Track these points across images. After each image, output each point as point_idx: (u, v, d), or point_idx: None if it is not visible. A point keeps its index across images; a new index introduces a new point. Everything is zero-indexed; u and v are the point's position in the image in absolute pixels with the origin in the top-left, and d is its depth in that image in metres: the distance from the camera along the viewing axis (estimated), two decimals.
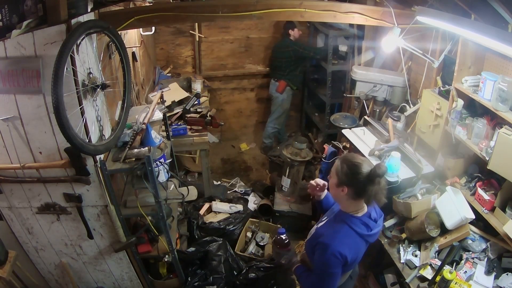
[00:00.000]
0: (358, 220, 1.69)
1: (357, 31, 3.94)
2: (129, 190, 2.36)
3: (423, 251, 2.35)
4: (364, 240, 1.72)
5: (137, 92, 3.35)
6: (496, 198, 2.15)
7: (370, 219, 1.71)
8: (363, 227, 1.68)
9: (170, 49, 4.71)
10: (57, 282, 2.62)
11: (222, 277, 2.72)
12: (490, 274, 2.12)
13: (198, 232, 3.25)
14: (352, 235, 1.67)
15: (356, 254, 1.71)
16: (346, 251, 1.62)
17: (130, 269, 2.58)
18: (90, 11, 2.03)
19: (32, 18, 1.78)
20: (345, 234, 1.67)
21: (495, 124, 2.18)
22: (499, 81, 2.02)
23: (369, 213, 1.72)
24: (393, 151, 2.62)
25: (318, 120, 4.83)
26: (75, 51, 1.77)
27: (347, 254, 1.62)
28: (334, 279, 1.67)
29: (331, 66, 4.21)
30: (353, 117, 3.61)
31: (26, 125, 1.94)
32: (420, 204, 2.44)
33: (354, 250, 1.68)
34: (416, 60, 3.10)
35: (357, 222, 1.68)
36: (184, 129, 3.57)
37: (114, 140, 2.15)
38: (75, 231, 2.33)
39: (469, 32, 1.96)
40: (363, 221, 1.69)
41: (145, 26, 3.33)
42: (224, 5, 2.37)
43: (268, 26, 4.83)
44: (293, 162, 3.58)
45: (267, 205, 3.74)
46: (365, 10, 2.58)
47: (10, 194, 2.16)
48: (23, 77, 1.80)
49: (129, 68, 2.31)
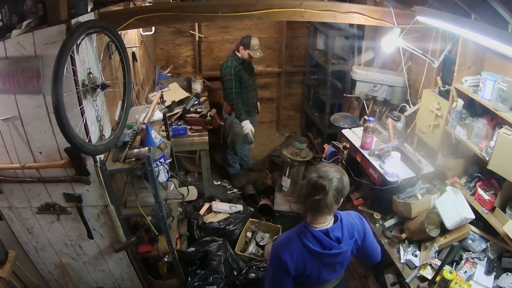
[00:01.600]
0: (309, 232, 1.62)
1: (357, 31, 3.94)
2: (129, 190, 2.36)
3: (423, 251, 2.35)
4: (317, 258, 1.63)
5: (137, 92, 3.35)
6: (496, 198, 2.15)
7: (328, 237, 1.62)
8: (314, 242, 1.61)
9: (170, 49, 4.71)
10: (57, 282, 2.62)
11: (222, 277, 2.72)
12: (490, 274, 2.12)
13: (198, 232, 3.25)
14: (297, 244, 1.62)
15: (301, 265, 1.62)
16: (288, 258, 1.60)
17: (130, 269, 2.58)
18: (90, 11, 2.03)
19: (32, 18, 1.78)
20: (290, 241, 1.65)
21: (495, 124, 2.18)
22: (499, 81, 2.02)
23: (327, 230, 1.63)
24: (394, 151, 2.62)
25: (318, 120, 4.82)
26: (75, 51, 1.77)
27: (287, 260, 1.60)
28: (276, 281, 1.67)
29: (331, 66, 4.21)
30: (353, 117, 3.61)
31: (26, 125, 1.94)
32: (420, 204, 2.44)
33: (297, 260, 1.61)
34: (416, 60, 3.10)
35: (307, 234, 1.62)
36: (184, 129, 3.57)
37: (114, 140, 2.15)
38: (75, 231, 2.33)
39: (469, 32, 1.96)
40: (315, 235, 1.61)
41: (145, 26, 3.33)
42: (224, 5, 2.37)
43: (268, 26, 4.83)
44: (293, 162, 3.57)
45: (267, 205, 3.74)
46: (365, 10, 2.58)
47: (10, 194, 2.16)
48: (23, 77, 1.81)
49: (129, 68, 2.31)
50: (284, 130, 5.49)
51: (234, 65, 3.76)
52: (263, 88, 5.11)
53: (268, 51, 4.94)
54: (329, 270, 1.72)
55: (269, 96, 5.25)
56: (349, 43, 4.14)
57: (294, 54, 5.07)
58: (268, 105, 5.19)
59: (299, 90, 5.29)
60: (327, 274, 1.73)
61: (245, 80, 3.85)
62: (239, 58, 3.80)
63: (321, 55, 4.62)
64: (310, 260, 1.63)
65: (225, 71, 3.79)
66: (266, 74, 5.06)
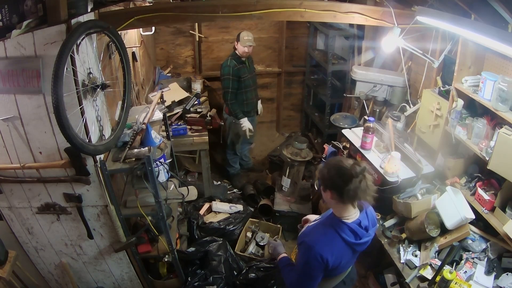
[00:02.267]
0: (347, 226, 1.66)
1: (357, 31, 3.94)
2: (129, 190, 2.36)
3: (423, 251, 2.35)
4: (351, 248, 1.70)
5: (137, 92, 3.35)
6: (496, 198, 2.15)
7: (360, 227, 1.69)
8: (350, 235, 1.66)
9: (170, 49, 4.71)
10: (57, 282, 2.62)
11: (222, 277, 2.72)
12: (490, 274, 2.12)
13: (198, 232, 3.25)
14: (337, 241, 1.66)
15: (339, 260, 1.68)
16: (329, 255, 1.62)
17: (130, 269, 2.58)
18: (90, 11, 2.03)
19: (32, 18, 1.78)
20: (330, 239, 1.66)
21: (495, 124, 2.18)
22: (499, 81, 2.02)
23: (359, 220, 1.70)
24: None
25: (318, 120, 4.82)
26: (75, 51, 1.77)
27: (329, 258, 1.62)
28: (312, 280, 1.69)
29: (331, 66, 4.21)
30: (353, 117, 3.61)
31: (26, 125, 1.94)
32: (420, 204, 2.44)
33: (337, 255, 1.66)
34: (416, 60, 3.10)
35: (345, 229, 1.66)
36: (184, 129, 3.57)
37: (114, 140, 2.15)
38: (75, 231, 2.33)
39: (469, 32, 1.96)
40: (351, 228, 1.66)
41: (145, 26, 3.33)
42: (224, 5, 2.37)
43: (268, 26, 4.83)
44: (293, 162, 3.57)
45: (267, 205, 3.74)
46: (365, 10, 2.58)
47: (10, 194, 2.16)
48: (23, 77, 1.80)
49: (129, 68, 2.31)
50: (284, 130, 5.49)
51: (233, 64, 3.75)
52: (263, 88, 5.10)
53: (268, 51, 4.94)
54: (354, 257, 1.81)
55: (269, 96, 5.24)
56: (349, 43, 4.14)
57: (294, 54, 5.07)
58: (268, 105, 5.18)
59: (299, 90, 5.29)
60: (351, 261, 1.83)
61: (245, 80, 3.84)
62: (239, 57, 3.79)
63: (321, 55, 4.62)
64: (347, 252, 1.70)
65: (223, 70, 3.78)
66: (266, 74, 5.05)
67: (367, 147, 2.82)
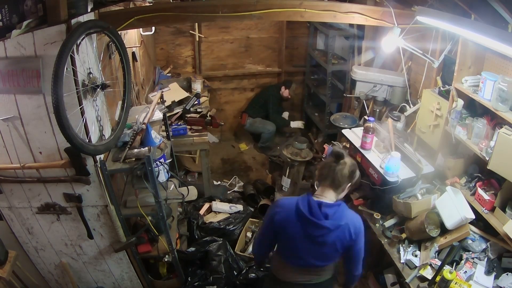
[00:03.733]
0: (307, 198, 1.75)
1: (357, 31, 3.94)
2: (129, 190, 2.36)
3: (423, 251, 2.35)
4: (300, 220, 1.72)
5: (137, 92, 3.35)
6: (496, 198, 2.15)
7: (318, 208, 1.71)
8: (305, 206, 1.72)
9: (170, 49, 4.71)
10: (57, 282, 2.62)
11: (222, 277, 2.72)
12: (490, 274, 2.12)
13: (198, 232, 3.25)
14: (291, 204, 1.77)
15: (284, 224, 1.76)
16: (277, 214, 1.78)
17: (130, 269, 2.58)
18: (90, 11, 2.03)
19: (32, 18, 1.78)
20: (288, 202, 1.80)
21: (495, 124, 2.18)
22: (499, 81, 2.02)
23: (321, 202, 1.72)
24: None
25: (318, 120, 4.83)
26: (75, 51, 1.77)
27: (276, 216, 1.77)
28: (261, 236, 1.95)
29: (331, 66, 4.21)
30: (353, 117, 3.61)
31: (26, 125, 1.94)
32: (420, 204, 2.44)
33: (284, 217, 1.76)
34: (416, 60, 3.10)
35: (305, 199, 1.75)
36: (184, 129, 3.57)
37: (114, 140, 2.15)
38: (75, 231, 2.33)
39: (469, 32, 1.96)
40: (309, 202, 1.73)
41: (145, 26, 3.33)
42: (224, 5, 2.37)
43: (268, 26, 4.83)
44: (293, 162, 3.57)
45: (267, 205, 3.74)
46: (365, 10, 2.58)
47: (10, 194, 2.16)
48: (23, 77, 1.80)
49: (129, 68, 2.31)
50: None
51: None
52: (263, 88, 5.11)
53: (268, 51, 4.94)
54: (312, 251, 1.75)
55: None
56: (349, 43, 4.14)
57: (294, 54, 5.08)
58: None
59: (299, 90, 5.30)
60: (309, 254, 1.77)
61: None
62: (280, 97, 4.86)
63: (321, 55, 4.62)
64: (294, 220, 1.74)
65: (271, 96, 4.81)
66: (266, 74, 5.06)
67: (367, 147, 2.82)
